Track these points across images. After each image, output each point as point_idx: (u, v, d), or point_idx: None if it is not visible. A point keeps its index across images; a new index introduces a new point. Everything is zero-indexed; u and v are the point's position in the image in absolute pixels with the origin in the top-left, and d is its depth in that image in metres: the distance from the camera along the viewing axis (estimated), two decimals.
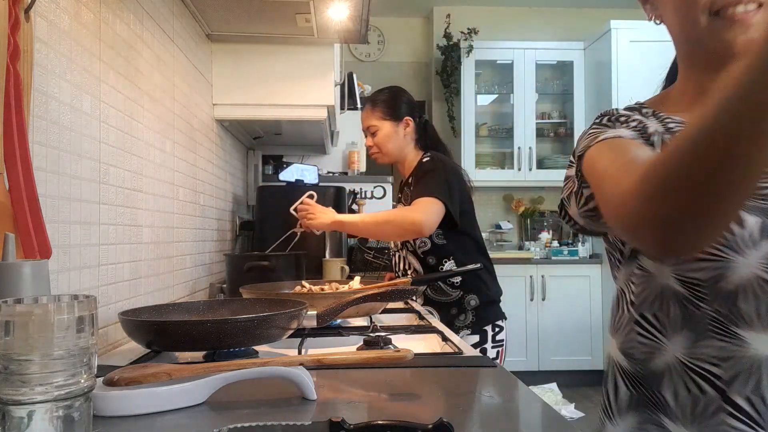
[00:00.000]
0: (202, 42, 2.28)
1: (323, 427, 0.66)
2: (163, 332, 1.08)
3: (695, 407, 0.84)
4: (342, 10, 2.06)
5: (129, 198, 1.46)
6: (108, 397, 0.80)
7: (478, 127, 5.09)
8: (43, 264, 0.84)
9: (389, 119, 2.09)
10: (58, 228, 1.08)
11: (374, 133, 2.11)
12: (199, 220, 2.18)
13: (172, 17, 1.87)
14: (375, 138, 2.11)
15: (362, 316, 1.51)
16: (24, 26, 0.93)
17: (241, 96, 2.44)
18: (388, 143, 2.09)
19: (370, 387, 1.00)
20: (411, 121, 2.10)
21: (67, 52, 1.13)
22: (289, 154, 3.64)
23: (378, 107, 2.11)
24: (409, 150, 2.12)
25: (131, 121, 1.49)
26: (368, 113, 2.13)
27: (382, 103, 2.11)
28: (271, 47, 2.42)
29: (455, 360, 1.14)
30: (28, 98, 0.95)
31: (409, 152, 2.12)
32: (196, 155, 2.15)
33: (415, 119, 2.12)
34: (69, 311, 0.59)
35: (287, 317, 1.14)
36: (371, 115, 2.11)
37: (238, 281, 1.85)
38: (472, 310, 2.00)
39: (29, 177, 0.93)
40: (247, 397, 0.88)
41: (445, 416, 0.66)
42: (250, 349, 1.17)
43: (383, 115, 2.09)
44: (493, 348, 2.01)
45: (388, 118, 2.09)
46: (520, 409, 0.90)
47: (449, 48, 5.03)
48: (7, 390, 0.57)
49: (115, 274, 1.37)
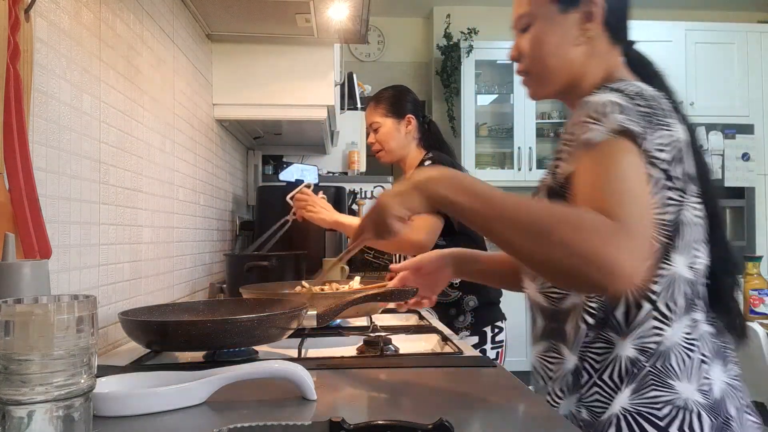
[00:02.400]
0: (202, 42, 2.28)
1: (323, 427, 0.66)
2: (163, 332, 1.08)
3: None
4: (342, 10, 2.06)
5: (129, 198, 1.46)
6: (108, 397, 0.80)
7: (478, 127, 5.09)
8: (43, 264, 0.84)
9: (391, 116, 2.09)
10: (58, 228, 1.08)
11: (376, 130, 2.11)
12: (199, 220, 2.18)
13: (172, 17, 1.87)
14: (377, 134, 2.11)
15: (362, 316, 1.51)
16: (24, 26, 0.93)
17: (241, 96, 2.44)
18: (390, 140, 2.09)
19: (370, 387, 1.00)
20: (413, 120, 2.10)
21: (67, 52, 1.13)
22: (289, 154, 3.64)
23: (381, 104, 2.11)
24: (410, 148, 2.11)
25: (131, 121, 1.49)
26: (372, 109, 2.13)
27: (386, 100, 2.12)
28: (271, 47, 2.42)
29: (455, 360, 1.14)
30: (28, 98, 0.95)
31: (411, 151, 2.11)
32: (196, 155, 2.15)
33: (418, 118, 2.12)
34: (69, 311, 0.59)
35: (287, 317, 1.14)
36: (374, 112, 2.12)
37: (238, 281, 1.85)
38: (471, 311, 2.00)
39: (29, 177, 0.93)
40: (247, 397, 0.88)
41: (445, 416, 0.66)
42: (250, 349, 1.17)
43: (386, 112, 2.10)
44: (492, 349, 2.00)
45: (391, 115, 2.09)
46: (520, 409, 0.89)
47: (449, 48, 5.03)
48: (7, 390, 0.57)
49: (115, 274, 1.37)
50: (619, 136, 0.82)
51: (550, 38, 0.96)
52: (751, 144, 4.37)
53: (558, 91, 1.00)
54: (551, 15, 0.95)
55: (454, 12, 5.06)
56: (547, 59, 0.97)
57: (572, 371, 0.93)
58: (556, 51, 0.96)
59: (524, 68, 1.01)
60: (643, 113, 0.84)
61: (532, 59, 0.99)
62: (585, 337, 0.91)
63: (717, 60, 4.50)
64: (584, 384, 0.91)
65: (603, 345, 0.90)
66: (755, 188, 4.40)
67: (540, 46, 0.97)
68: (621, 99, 0.85)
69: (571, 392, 0.92)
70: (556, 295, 0.96)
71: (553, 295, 0.97)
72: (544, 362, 0.98)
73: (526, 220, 0.78)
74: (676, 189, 0.87)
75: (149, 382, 0.86)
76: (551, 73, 0.98)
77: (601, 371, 0.90)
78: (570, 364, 0.93)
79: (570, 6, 0.94)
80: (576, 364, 0.92)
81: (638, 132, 0.82)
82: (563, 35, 0.95)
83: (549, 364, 0.97)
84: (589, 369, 0.91)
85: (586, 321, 0.91)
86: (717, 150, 4.35)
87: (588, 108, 0.86)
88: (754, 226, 4.41)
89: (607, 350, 0.90)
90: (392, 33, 5.37)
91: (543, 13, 0.96)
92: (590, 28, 0.95)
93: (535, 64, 0.99)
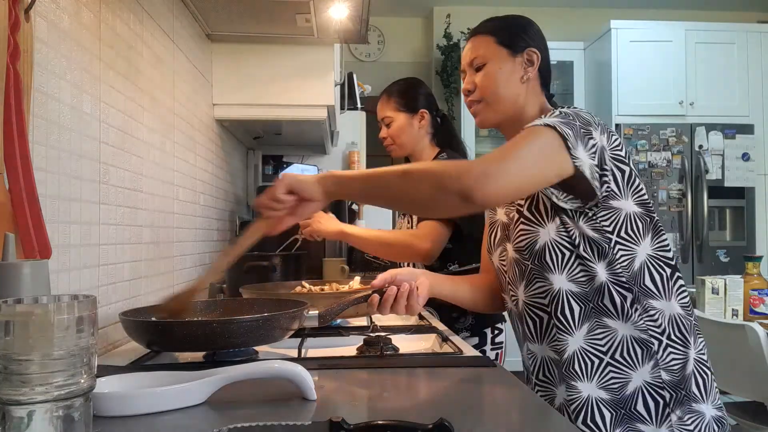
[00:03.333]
0: (202, 42, 2.28)
1: (323, 427, 0.66)
2: (168, 333, 1.07)
3: None
4: (342, 10, 2.05)
5: (129, 198, 1.46)
6: (108, 397, 0.80)
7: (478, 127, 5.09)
8: (43, 264, 0.84)
9: (404, 110, 2.03)
10: (58, 228, 1.08)
11: (388, 125, 2.05)
12: (199, 220, 2.18)
13: (172, 17, 1.87)
14: (389, 129, 2.05)
15: (362, 316, 1.51)
16: (24, 26, 0.93)
17: (241, 96, 2.44)
18: (402, 135, 2.03)
19: (370, 387, 1.00)
20: (427, 114, 2.04)
21: (67, 52, 1.13)
22: (289, 154, 3.64)
23: (393, 97, 2.05)
24: (423, 144, 2.06)
25: (131, 121, 1.49)
26: (384, 103, 2.07)
27: (398, 93, 2.05)
28: (271, 47, 2.42)
29: (455, 360, 1.14)
30: (28, 98, 0.95)
31: (424, 147, 2.06)
32: (196, 155, 2.15)
33: (432, 113, 2.06)
34: (69, 311, 0.59)
35: (291, 317, 1.14)
36: (386, 106, 2.05)
37: (238, 281, 1.85)
38: (472, 313, 1.99)
39: (29, 177, 0.93)
40: (247, 397, 0.88)
41: (445, 416, 0.66)
42: (250, 349, 1.17)
43: (398, 106, 2.03)
44: (492, 350, 2.00)
45: (403, 109, 2.03)
46: (520, 409, 0.90)
47: (449, 48, 5.03)
48: (7, 390, 0.57)
49: (115, 274, 1.37)
50: (549, 127, 1.06)
51: (502, 74, 1.23)
52: (751, 144, 4.36)
53: (503, 119, 1.26)
54: (503, 56, 1.24)
55: (454, 12, 5.07)
56: (500, 89, 1.23)
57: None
58: (506, 83, 1.23)
59: (478, 97, 1.26)
60: (577, 126, 1.08)
61: (485, 90, 1.24)
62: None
63: (717, 60, 4.50)
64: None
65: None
66: (755, 188, 4.40)
67: (494, 79, 1.24)
68: (560, 117, 1.09)
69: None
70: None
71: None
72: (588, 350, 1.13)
73: (401, 178, 1.05)
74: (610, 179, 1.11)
75: (149, 382, 0.86)
76: (502, 101, 1.24)
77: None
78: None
79: (518, 51, 1.24)
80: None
81: (567, 133, 1.04)
82: (512, 72, 1.23)
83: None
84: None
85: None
86: (717, 150, 4.34)
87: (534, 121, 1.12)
88: (754, 226, 4.41)
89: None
90: (392, 33, 5.37)
91: (497, 55, 1.24)
92: (530, 71, 1.24)
93: (488, 94, 1.24)
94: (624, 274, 1.10)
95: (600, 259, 1.11)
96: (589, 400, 1.09)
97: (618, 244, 1.11)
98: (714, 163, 4.35)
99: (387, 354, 1.17)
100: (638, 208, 1.13)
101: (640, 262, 1.12)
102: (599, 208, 1.10)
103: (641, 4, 5.17)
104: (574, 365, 1.11)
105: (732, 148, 4.36)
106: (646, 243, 1.13)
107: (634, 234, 1.12)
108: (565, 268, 1.12)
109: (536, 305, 1.17)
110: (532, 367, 1.21)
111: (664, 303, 1.11)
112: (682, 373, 1.09)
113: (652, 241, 1.13)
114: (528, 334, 1.20)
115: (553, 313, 1.13)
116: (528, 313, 1.19)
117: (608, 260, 1.10)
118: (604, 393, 1.09)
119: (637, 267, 1.11)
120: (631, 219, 1.12)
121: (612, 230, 1.11)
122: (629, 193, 1.12)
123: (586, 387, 1.10)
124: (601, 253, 1.11)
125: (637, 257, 1.11)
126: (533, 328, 1.18)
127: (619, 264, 1.10)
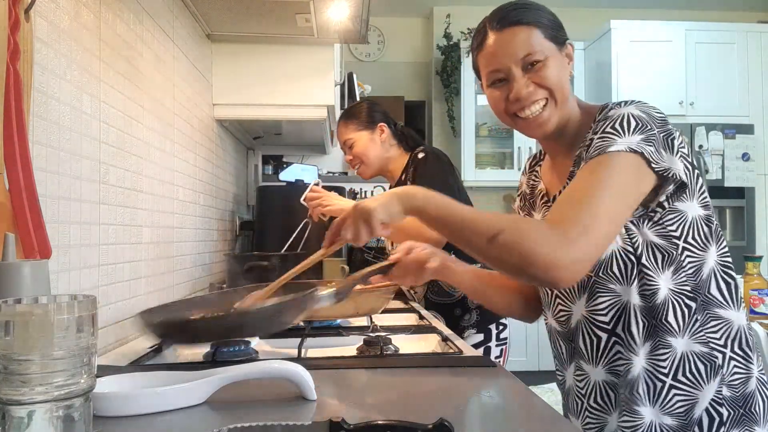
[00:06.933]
0: (202, 42, 2.28)
1: (323, 427, 0.66)
2: (203, 328, 1.02)
3: None
4: (342, 10, 2.05)
5: (129, 198, 1.46)
6: (108, 397, 0.80)
7: (478, 127, 5.08)
8: (43, 264, 0.84)
9: (363, 128, 2.07)
10: (58, 228, 1.08)
11: (351, 146, 2.09)
12: (199, 220, 2.18)
13: (172, 17, 1.87)
14: (353, 150, 2.08)
15: (362, 315, 1.51)
16: (24, 26, 0.93)
17: (241, 96, 2.44)
18: (368, 152, 2.07)
19: (370, 387, 1.00)
20: (385, 127, 2.08)
21: (67, 52, 1.13)
22: (289, 154, 3.64)
23: (351, 120, 2.09)
24: (391, 154, 2.10)
25: (131, 121, 1.49)
26: (343, 128, 2.11)
27: (354, 115, 2.10)
28: (271, 47, 2.42)
29: (455, 360, 1.14)
30: (28, 98, 0.95)
31: (393, 156, 2.10)
32: (196, 155, 2.15)
33: (390, 125, 2.10)
34: (69, 311, 0.59)
35: (304, 299, 1.07)
36: (346, 129, 2.10)
37: (238, 281, 1.85)
38: (476, 309, 1.99)
39: (29, 177, 0.93)
40: (247, 397, 0.88)
41: (445, 416, 0.66)
42: (250, 349, 1.17)
43: (357, 126, 2.08)
44: (497, 346, 2.00)
45: (362, 127, 2.07)
46: (520, 409, 0.90)
47: (449, 48, 5.03)
48: (7, 390, 0.57)
49: (115, 274, 1.37)
50: (632, 153, 0.95)
51: (564, 71, 1.09)
52: (751, 144, 4.36)
53: (563, 123, 1.11)
54: (554, 51, 1.08)
55: (454, 12, 5.06)
56: (565, 88, 1.09)
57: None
58: (567, 82, 1.10)
59: (544, 96, 1.08)
60: (659, 122, 1.00)
61: (557, 87, 1.08)
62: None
63: (717, 60, 4.50)
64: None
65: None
66: (755, 188, 4.40)
67: (560, 77, 1.08)
68: (638, 110, 1.00)
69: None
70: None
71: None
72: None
73: (480, 226, 0.95)
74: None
75: (149, 382, 0.86)
76: (567, 101, 1.10)
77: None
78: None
79: (562, 45, 1.10)
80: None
81: (650, 152, 0.96)
82: (563, 67, 1.10)
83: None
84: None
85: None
86: (717, 150, 4.34)
87: (612, 121, 1.00)
88: (754, 226, 4.40)
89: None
90: (392, 33, 5.37)
91: (551, 50, 1.08)
92: (571, 68, 1.12)
93: (560, 92, 1.09)
94: (689, 282, 1.01)
95: (664, 268, 1.01)
96: (652, 426, 0.99)
97: (686, 251, 1.02)
98: (714, 163, 4.35)
99: (387, 354, 1.17)
100: (703, 211, 1.04)
101: (708, 269, 1.03)
102: (665, 210, 1.02)
103: (641, 4, 5.16)
104: (638, 388, 1.00)
105: (732, 148, 4.36)
106: (713, 249, 1.04)
107: (701, 239, 1.03)
108: (633, 280, 1.02)
109: (596, 322, 1.06)
110: (584, 390, 1.09)
111: (733, 313, 1.02)
112: (743, 390, 1.00)
113: (717, 248, 1.05)
114: (583, 353, 1.08)
115: (620, 330, 1.03)
116: (585, 330, 1.07)
117: (674, 268, 1.01)
118: (669, 419, 0.99)
119: (705, 275, 1.02)
120: (697, 223, 1.03)
121: (679, 235, 1.02)
122: (696, 195, 1.04)
123: (648, 412, 1.00)
124: (666, 260, 1.01)
125: (705, 264, 1.02)
126: (590, 346, 1.07)
127: (684, 272, 1.01)
